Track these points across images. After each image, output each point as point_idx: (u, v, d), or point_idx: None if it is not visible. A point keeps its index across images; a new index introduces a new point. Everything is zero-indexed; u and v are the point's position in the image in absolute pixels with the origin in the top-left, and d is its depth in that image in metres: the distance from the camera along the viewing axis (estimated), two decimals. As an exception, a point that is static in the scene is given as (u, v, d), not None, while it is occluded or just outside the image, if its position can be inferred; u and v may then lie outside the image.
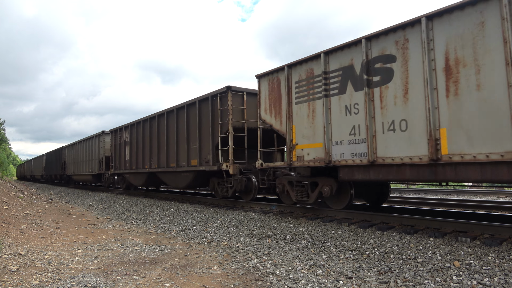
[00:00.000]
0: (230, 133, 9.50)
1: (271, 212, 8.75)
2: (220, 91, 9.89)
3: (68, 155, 27.87)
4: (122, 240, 7.77)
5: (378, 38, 6.15)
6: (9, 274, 4.81)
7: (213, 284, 4.60)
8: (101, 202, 16.25)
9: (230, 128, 9.51)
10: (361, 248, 5.52)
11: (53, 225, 10.26)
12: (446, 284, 4.04)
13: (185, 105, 11.65)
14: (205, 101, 10.65)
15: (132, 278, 4.86)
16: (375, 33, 6.16)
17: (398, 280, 4.31)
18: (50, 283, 4.59)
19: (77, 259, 6.04)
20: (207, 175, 11.16)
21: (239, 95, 9.96)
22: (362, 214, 7.12)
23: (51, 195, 23.40)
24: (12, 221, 9.35)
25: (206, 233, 7.93)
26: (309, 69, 7.44)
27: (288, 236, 6.70)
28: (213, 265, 5.48)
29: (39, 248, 6.80)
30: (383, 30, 6.05)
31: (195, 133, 11.05)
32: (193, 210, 10.37)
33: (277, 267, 5.14)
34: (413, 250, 5.07)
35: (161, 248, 6.73)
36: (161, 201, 12.94)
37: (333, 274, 4.72)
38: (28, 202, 15.70)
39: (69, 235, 8.67)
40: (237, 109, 9.85)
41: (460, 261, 4.50)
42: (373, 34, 6.18)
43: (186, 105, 11.58)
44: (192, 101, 11.24)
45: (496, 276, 4.02)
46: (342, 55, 6.76)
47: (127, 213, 12.30)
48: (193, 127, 11.24)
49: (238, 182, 9.63)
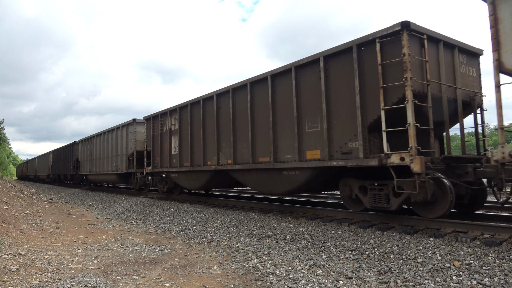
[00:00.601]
0: (408, 102, 5.63)
1: (271, 212, 8.74)
2: (383, 32, 5.98)
3: (83, 152, 24.04)
4: (122, 240, 7.77)
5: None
6: (9, 274, 4.81)
7: (213, 284, 4.60)
8: (101, 202, 16.25)
9: (408, 94, 5.62)
10: (361, 248, 5.52)
11: (53, 225, 10.26)
12: (446, 284, 4.05)
13: (292, 68, 7.62)
14: (341, 56, 6.76)
15: (132, 278, 4.86)
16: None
17: (398, 280, 4.31)
18: (50, 283, 4.59)
19: (77, 259, 6.04)
20: (335, 175, 7.37)
21: (416, 40, 6.07)
22: (362, 214, 7.11)
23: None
24: (12, 221, 9.34)
25: (206, 233, 7.94)
26: None
27: (288, 236, 6.70)
28: (213, 265, 5.48)
29: (39, 248, 6.80)
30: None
31: (315, 108, 7.20)
32: (193, 210, 10.37)
33: (277, 267, 5.14)
34: (413, 250, 5.07)
35: (161, 248, 6.73)
36: (161, 201, 12.93)
37: (333, 274, 4.72)
38: (28, 202, 15.70)
39: (69, 235, 8.66)
40: (416, 62, 5.95)
41: (460, 261, 4.50)
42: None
43: (295, 67, 7.58)
44: (308, 60, 7.30)
45: (496, 276, 4.02)
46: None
47: (127, 213, 12.30)
48: (310, 100, 7.34)
49: (425, 187, 5.58)
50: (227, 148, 9.70)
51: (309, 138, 7.34)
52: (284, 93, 7.93)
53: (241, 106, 9.21)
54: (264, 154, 8.44)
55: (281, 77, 8.02)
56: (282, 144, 7.95)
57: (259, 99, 8.66)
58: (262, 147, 8.52)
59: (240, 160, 9.20)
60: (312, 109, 7.32)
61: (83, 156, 23.99)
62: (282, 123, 7.99)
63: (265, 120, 8.42)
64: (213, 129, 10.20)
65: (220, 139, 9.99)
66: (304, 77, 7.49)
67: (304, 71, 7.49)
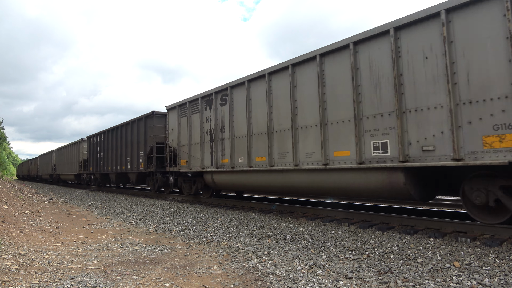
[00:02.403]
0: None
1: (271, 212, 8.74)
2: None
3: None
4: (122, 240, 7.77)
5: None
6: (8, 274, 4.80)
7: (213, 284, 4.60)
8: (101, 202, 16.24)
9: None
10: (361, 248, 5.51)
11: (53, 225, 10.26)
12: (446, 284, 4.04)
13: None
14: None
15: (132, 278, 4.86)
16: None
17: (398, 280, 4.30)
18: (49, 283, 4.59)
19: (76, 259, 6.03)
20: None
21: None
22: (362, 214, 7.11)
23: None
24: (12, 221, 9.34)
25: (206, 233, 7.93)
26: None
27: (288, 236, 6.70)
28: (213, 265, 5.48)
29: (39, 248, 6.79)
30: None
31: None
32: (193, 210, 10.36)
33: (277, 267, 5.13)
34: (413, 251, 5.07)
35: (161, 248, 6.73)
36: (161, 201, 12.92)
37: (333, 274, 4.72)
38: (28, 202, 15.69)
39: (69, 235, 8.66)
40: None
41: (460, 262, 4.50)
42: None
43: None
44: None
45: (496, 276, 4.02)
46: None
47: (127, 213, 12.29)
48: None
49: None
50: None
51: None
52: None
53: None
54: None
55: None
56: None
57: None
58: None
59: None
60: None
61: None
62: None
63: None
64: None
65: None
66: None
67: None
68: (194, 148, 11.11)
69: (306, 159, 7.39)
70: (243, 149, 9.07)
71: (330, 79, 6.98)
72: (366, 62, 6.36)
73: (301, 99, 7.58)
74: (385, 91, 6.05)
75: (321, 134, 7.04)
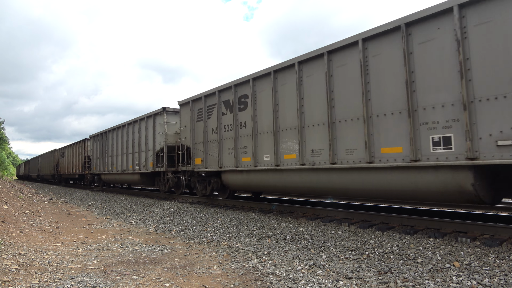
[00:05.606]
0: None
1: (271, 212, 8.74)
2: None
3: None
4: (122, 240, 7.77)
5: None
6: (8, 274, 4.80)
7: (212, 284, 4.60)
8: (101, 202, 16.24)
9: None
10: (361, 248, 5.51)
11: (53, 225, 10.26)
12: (446, 284, 4.04)
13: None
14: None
15: (131, 278, 4.86)
16: None
17: (398, 280, 4.30)
18: (49, 282, 4.59)
19: (76, 259, 6.03)
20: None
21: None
22: (362, 214, 7.11)
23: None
24: (12, 221, 9.34)
25: (206, 233, 7.93)
26: None
27: (288, 236, 6.70)
28: (213, 265, 5.48)
29: (39, 248, 6.79)
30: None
31: None
32: (193, 210, 10.36)
33: (277, 267, 5.13)
34: (413, 251, 5.07)
35: (160, 248, 6.73)
36: (161, 201, 12.92)
37: (333, 274, 4.72)
38: (27, 202, 15.69)
39: (69, 235, 8.66)
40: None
41: (460, 262, 4.50)
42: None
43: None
44: None
45: (496, 276, 4.02)
46: None
47: (127, 213, 12.29)
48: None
49: None
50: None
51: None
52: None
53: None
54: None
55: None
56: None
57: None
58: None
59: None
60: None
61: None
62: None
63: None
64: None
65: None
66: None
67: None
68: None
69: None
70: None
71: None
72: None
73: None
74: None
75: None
